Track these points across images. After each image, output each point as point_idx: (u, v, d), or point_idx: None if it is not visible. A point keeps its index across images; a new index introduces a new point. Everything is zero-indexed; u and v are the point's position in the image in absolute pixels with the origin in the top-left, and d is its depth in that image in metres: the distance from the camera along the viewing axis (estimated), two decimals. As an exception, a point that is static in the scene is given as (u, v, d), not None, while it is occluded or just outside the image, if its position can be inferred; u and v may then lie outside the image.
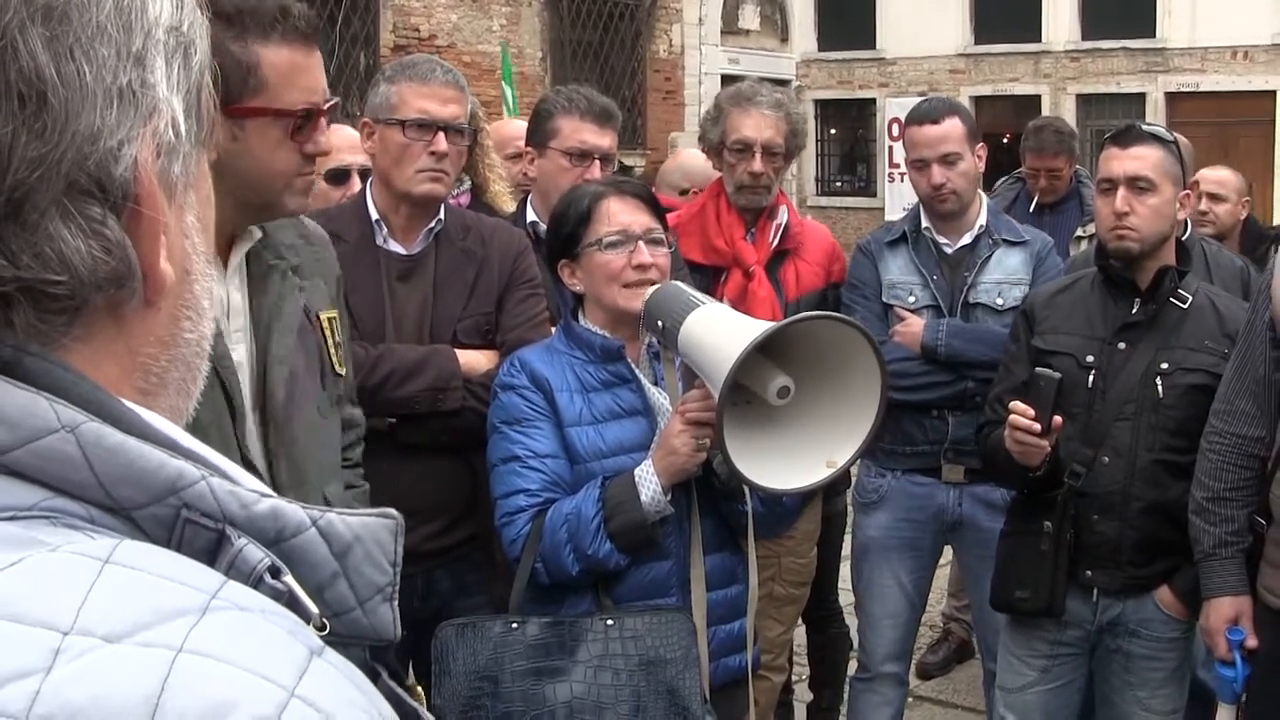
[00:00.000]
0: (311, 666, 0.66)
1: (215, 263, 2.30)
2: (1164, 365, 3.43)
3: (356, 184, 4.05)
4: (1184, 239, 4.14)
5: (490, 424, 2.95)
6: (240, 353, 2.39)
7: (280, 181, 2.24)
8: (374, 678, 0.80)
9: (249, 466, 2.24)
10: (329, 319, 2.57)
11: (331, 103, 2.29)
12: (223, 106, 1.09)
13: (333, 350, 2.57)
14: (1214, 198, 5.59)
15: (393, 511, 0.84)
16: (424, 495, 3.15)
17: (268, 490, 0.79)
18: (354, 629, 0.81)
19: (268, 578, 0.74)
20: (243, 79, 2.15)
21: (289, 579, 0.75)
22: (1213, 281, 4.04)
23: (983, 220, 4.14)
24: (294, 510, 0.78)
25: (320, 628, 0.74)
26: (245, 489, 0.77)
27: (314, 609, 0.75)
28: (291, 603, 0.74)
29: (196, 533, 0.74)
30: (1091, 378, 3.49)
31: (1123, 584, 3.50)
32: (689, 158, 5.50)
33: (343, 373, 2.65)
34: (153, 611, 0.65)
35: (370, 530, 0.82)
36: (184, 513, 0.73)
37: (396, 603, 0.83)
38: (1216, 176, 5.73)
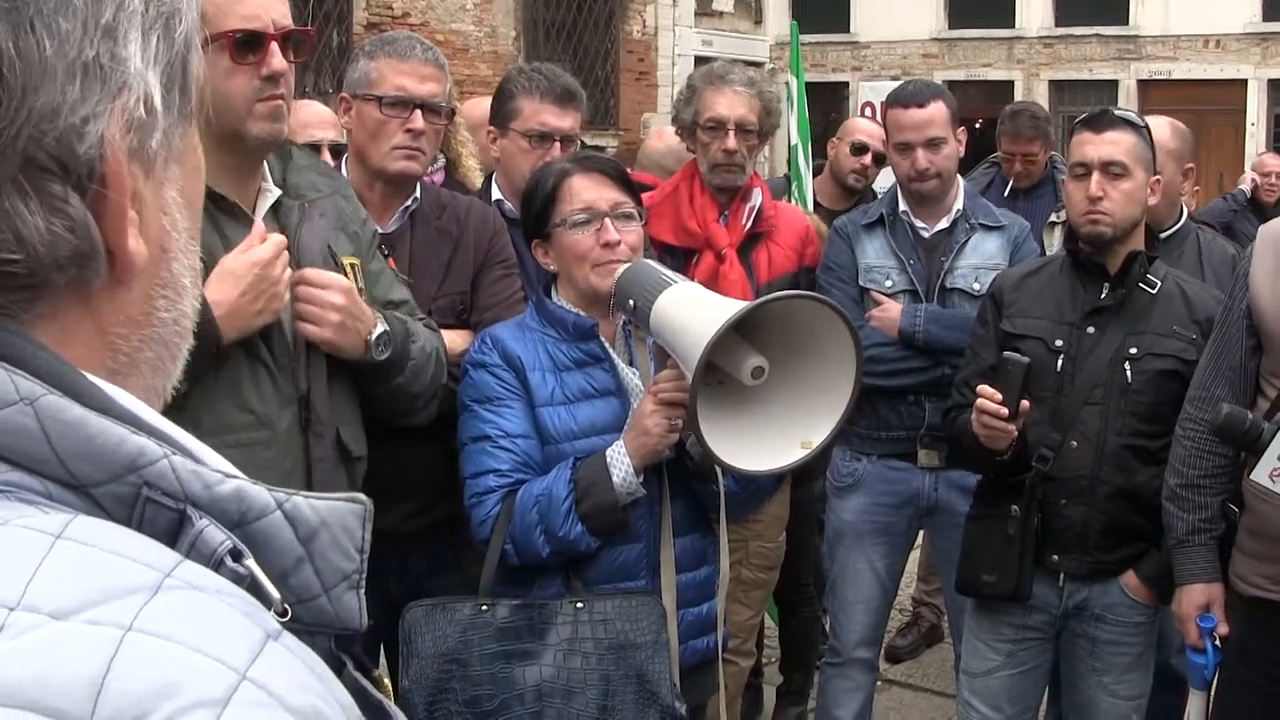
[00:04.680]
0: (266, 649, 0.64)
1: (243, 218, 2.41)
2: (1132, 350, 3.43)
3: (326, 159, 4.01)
4: (1180, 227, 4.14)
5: (460, 402, 2.92)
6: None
7: (239, 106, 2.37)
8: (339, 668, 0.78)
9: (304, 401, 2.45)
10: (350, 264, 2.65)
11: (287, 30, 2.42)
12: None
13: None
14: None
15: (361, 496, 0.82)
16: (401, 475, 3.12)
17: (234, 471, 0.77)
18: (319, 617, 0.79)
19: (228, 561, 0.72)
20: None
21: (250, 562, 0.73)
22: (1204, 269, 4.03)
23: (960, 204, 4.13)
24: (259, 492, 0.76)
25: (281, 613, 0.72)
26: (210, 469, 0.75)
27: (275, 594, 0.73)
28: (253, 587, 0.72)
29: (158, 512, 0.72)
30: (1060, 362, 3.48)
31: (1089, 569, 3.50)
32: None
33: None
34: (102, 589, 0.63)
35: (338, 516, 0.80)
36: (144, 491, 0.72)
37: (363, 591, 0.81)
38: None
